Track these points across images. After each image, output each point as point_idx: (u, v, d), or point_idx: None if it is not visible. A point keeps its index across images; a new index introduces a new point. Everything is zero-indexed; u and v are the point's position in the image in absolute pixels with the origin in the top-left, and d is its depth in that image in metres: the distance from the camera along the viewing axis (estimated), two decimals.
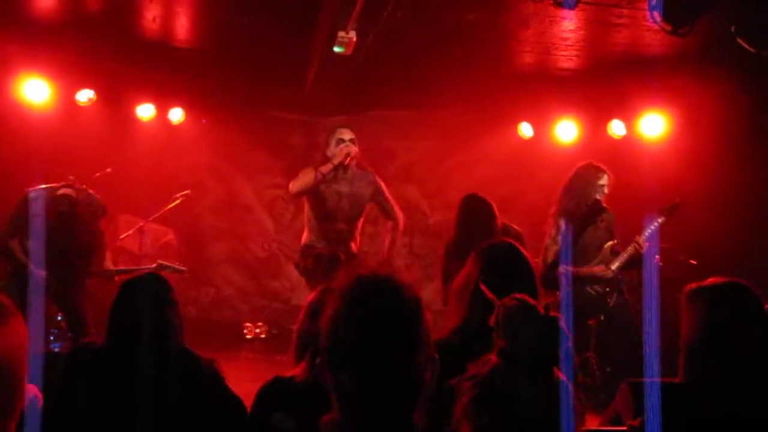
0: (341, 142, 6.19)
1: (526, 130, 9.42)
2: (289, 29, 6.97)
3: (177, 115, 9.29)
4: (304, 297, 3.55)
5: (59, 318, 6.84)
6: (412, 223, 10.28)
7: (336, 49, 6.24)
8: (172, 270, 6.87)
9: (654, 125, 8.23)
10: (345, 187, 6.20)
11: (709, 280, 2.72)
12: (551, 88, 8.40)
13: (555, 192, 6.40)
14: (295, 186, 6.16)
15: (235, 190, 10.29)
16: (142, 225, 8.24)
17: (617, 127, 8.62)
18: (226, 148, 10.03)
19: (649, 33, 6.58)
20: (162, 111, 9.19)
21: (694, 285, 2.74)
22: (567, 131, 9.14)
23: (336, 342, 1.73)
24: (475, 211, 5.62)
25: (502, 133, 9.58)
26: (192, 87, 8.91)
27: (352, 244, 6.35)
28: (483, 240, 3.64)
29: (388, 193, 6.49)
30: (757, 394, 2.53)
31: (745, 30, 5.25)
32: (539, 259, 6.04)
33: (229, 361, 4.56)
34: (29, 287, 5.87)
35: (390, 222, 6.51)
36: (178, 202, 8.21)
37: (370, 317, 1.72)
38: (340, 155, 6.08)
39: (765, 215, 6.89)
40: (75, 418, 2.80)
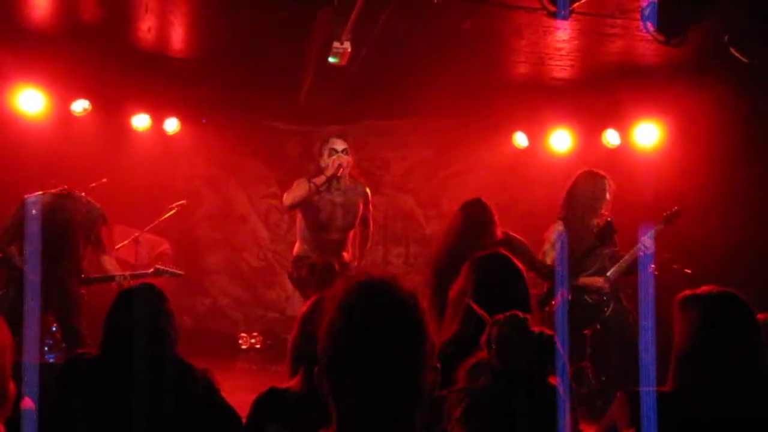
0: (334, 152, 6.21)
1: (521, 139, 9.44)
2: (285, 39, 6.98)
3: (172, 125, 9.28)
4: (299, 307, 3.54)
5: (54, 328, 6.81)
6: (407, 233, 10.31)
7: (331, 60, 6.25)
8: (169, 274, 6.84)
9: (648, 134, 8.24)
10: (339, 198, 6.23)
11: (701, 288, 2.73)
12: (546, 97, 8.42)
13: (553, 200, 6.40)
14: (289, 198, 6.17)
15: (231, 200, 10.28)
16: (137, 235, 8.22)
17: (612, 137, 8.63)
18: (221, 158, 10.03)
19: (643, 43, 6.60)
20: (157, 121, 9.19)
21: (685, 294, 2.75)
22: (562, 141, 9.16)
23: (335, 350, 1.66)
24: (476, 216, 5.60)
25: (497, 143, 9.61)
26: (187, 97, 8.91)
27: (344, 253, 6.38)
28: (480, 244, 3.65)
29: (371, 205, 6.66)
30: (748, 401, 2.54)
31: (738, 40, 5.27)
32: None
33: (225, 372, 4.55)
34: (26, 295, 5.85)
35: (366, 230, 6.65)
36: (173, 212, 8.20)
37: (370, 324, 1.65)
38: (332, 167, 6.11)
39: (759, 224, 6.90)
40: (70, 428, 2.79)
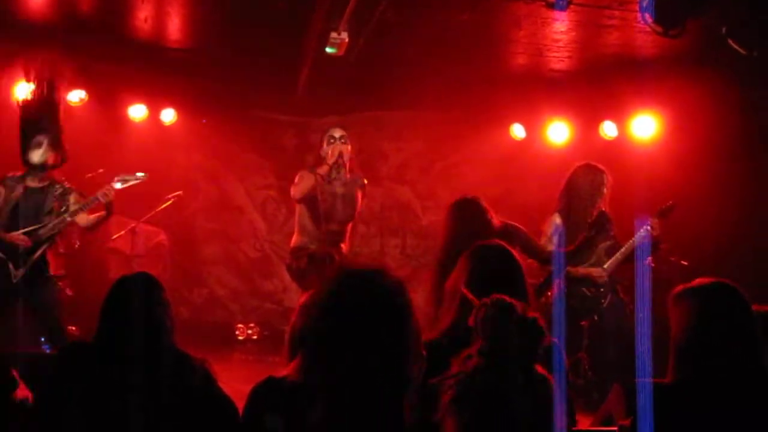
0: (332, 140, 6.23)
1: (518, 131, 9.43)
2: (281, 30, 6.96)
3: (169, 116, 9.26)
4: (296, 298, 3.55)
5: None
6: (404, 224, 10.31)
7: (328, 50, 6.25)
8: (134, 180, 6.16)
9: (646, 126, 8.24)
10: (340, 189, 6.24)
11: (697, 280, 2.74)
12: (543, 89, 8.41)
13: (550, 192, 6.40)
14: (297, 191, 6.22)
15: (228, 191, 10.27)
16: (134, 226, 8.22)
17: (609, 129, 8.63)
18: (218, 149, 10.02)
19: (641, 35, 6.59)
20: (154, 112, 9.17)
21: (682, 286, 2.75)
22: (559, 132, 9.16)
23: (321, 336, 1.71)
24: (469, 213, 5.61)
25: (494, 134, 9.60)
26: (184, 88, 8.89)
27: (342, 245, 6.38)
28: (478, 238, 3.64)
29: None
30: (745, 393, 2.55)
31: (736, 31, 5.26)
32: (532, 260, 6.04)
33: (222, 362, 4.55)
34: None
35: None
36: (170, 203, 8.19)
37: (354, 311, 1.69)
38: (332, 155, 6.11)
39: (756, 216, 6.91)
40: (66, 417, 2.79)
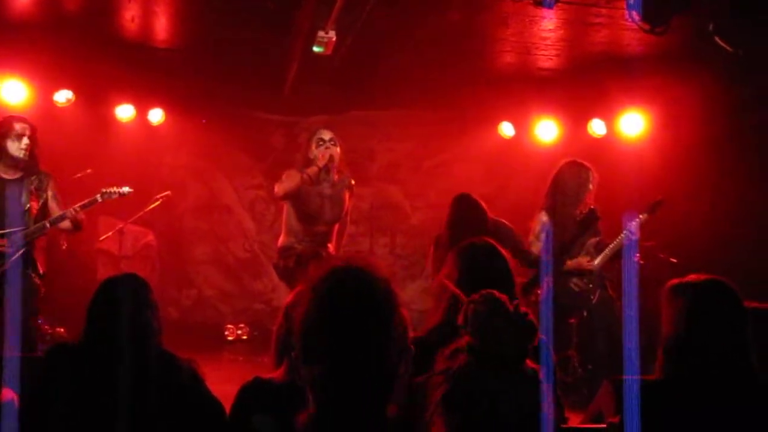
0: (321, 142, 6.21)
1: (507, 129, 9.44)
2: (269, 29, 6.94)
3: (157, 116, 9.23)
4: (285, 298, 3.54)
5: (40, 321, 6.71)
6: (394, 224, 10.30)
7: (315, 49, 6.23)
8: (117, 194, 6.32)
9: (634, 124, 8.27)
10: (328, 190, 6.24)
11: (689, 277, 2.74)
12: (532, 87, 8.42)
13: (539, 190, 6.42)
14: (281, 189, 6.18)
15: (216, 191, 10.24)
16: (122, 226, 8.18)
17: (597, 126, 8.66)
18: (206, 149, 9.99)
19: (628, 32, 6.60)
20: (141, 112, 9.13)
21: (673, 282, 2.75)
22: (548, 131, 9.17)
23: (308, 333, 1.71)
24: (466, 212, 5.63)
25: (483, 133, 9.61)
26: (172, 87, 8.86)
27: (329, 245, 6.40)
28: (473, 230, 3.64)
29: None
30: (736, 389, 2.55)
31: (723, 29, 5.28)
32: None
33: (211, 363, 4.54)
34: None
35: (344, 220, 6.64)
36: (158, 203, 8.15)
37: (341, 306, 1.70)
38: (323, 158, 6.10)
39: (745, 213, 6.94)
40: (53, 418, 2.78)
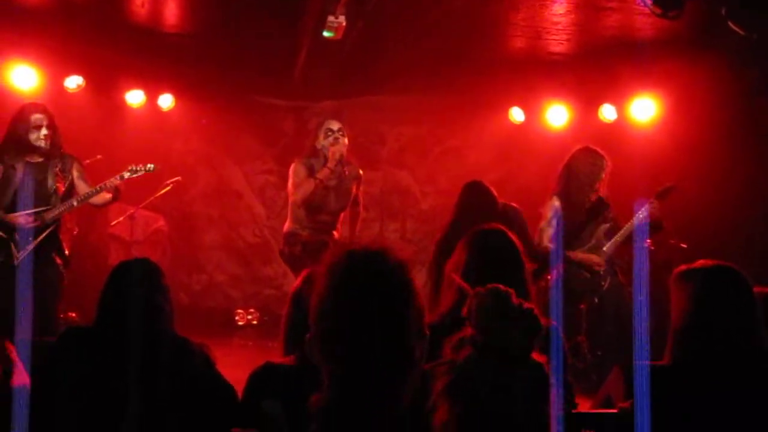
0: (330, 132, 6.22)
1: (517, 114, 9.41)
2: (279, 14, 6.92)
3: (167, 102, 9.24)
4: (294, 283, 3.55)
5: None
6: (404, 209, 10.31)
7: (325, 34, 6.22)
8: (143, 171, 6.33)
9: (645, 109, 8.23)
10: (333, 182, 6.25)
11: (698, 262, 2.73)
12: (542, 72, 8.38)
13: (552, 175, 6.40)
14: (299, 197, 6.22)
15: (226, 176, 10.26)
16: (132, 212, 8.21)
17: (608, 112, 8.62)
18: (216, 134, 10.00)
19: (640, 17, 6.56)
20: (152, 97, 9.14)
21: (682, 268, 2.75)
22: (558, 116, 9.14)
23: (325, 316, 1.71)
24: (476, 198, 5.62)
25: (493, 118, 9.58)
26: (182, 73, 8.86)
27: (334, 233, 6.46)
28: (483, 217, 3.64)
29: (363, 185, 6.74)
30: (745, 374, 2.55)
31: (736, 13, 5.24)
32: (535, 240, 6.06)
33: (221, 348, 4.55)
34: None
35: (357, 208, 6.71)
36: (168, 188, 8.16)
37: (358, 290, 1.70)
38: (333, 158, 6.12)
39: (756, 198, 6.91)
40: (65, 402, 2.80)
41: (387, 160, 10.24)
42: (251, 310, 9.82)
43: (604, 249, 6.13)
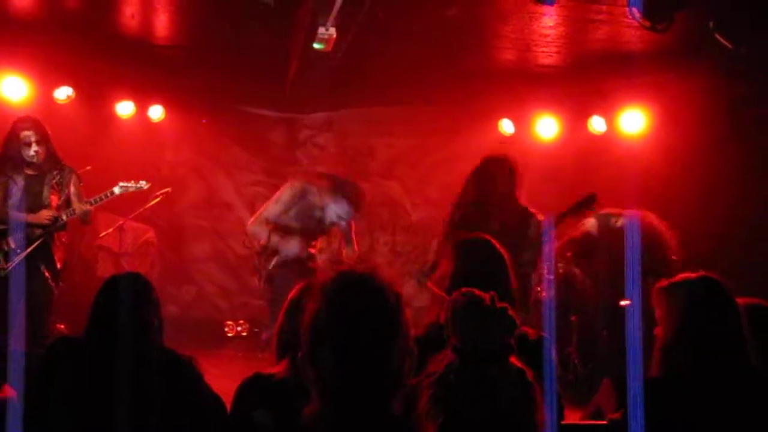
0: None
1: (506, 126, 9.43)
2: (269, 26, 6.93)
3: (157, 113, 9.23)
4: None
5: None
6: (394, 221, 10.29)
7: (316, 46, 6.22)
8: (134, 188, 6.50)
9: (634, 121, 8.27)
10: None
11: (681, 275, 2.75)
12: (531, 84, 8.42)
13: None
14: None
15: (216, 187, 10.24)
16: (122, 223, 8.18)
17: (597, 123, 8.66)
18: (206, 145, 9.99)
19: (629, 29, 6.60)
20: (142, 108, 9.12)
21: (666, 280, 2.77)
22: (547, 127, 9.17)
23: (317, 335, 1.79)
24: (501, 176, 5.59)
25: (483, 130, 9.58)
26: (172, 84, 8.86)
27: (311, 250, 6.59)
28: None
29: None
30: (731, 385, 2.56)
31: (723, 26, 5.28)
32: None
33: (211, 359, 4.55)
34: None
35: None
36: (158, 200, 8.14)
37: (349, 310, 1.78)
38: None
39: (745, 210, 6.94)
40: (53, 414, 2.79)
41: (377, 171, 10.24)
42: (241, 321, 9.79)
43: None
